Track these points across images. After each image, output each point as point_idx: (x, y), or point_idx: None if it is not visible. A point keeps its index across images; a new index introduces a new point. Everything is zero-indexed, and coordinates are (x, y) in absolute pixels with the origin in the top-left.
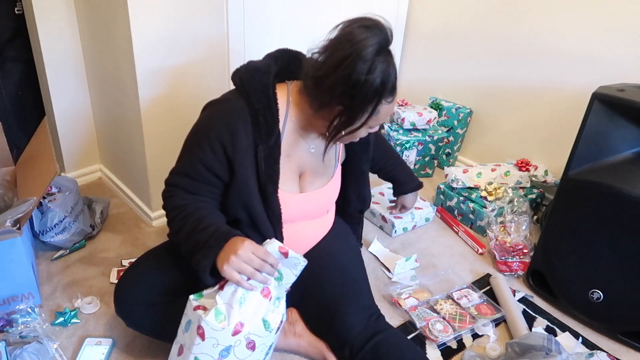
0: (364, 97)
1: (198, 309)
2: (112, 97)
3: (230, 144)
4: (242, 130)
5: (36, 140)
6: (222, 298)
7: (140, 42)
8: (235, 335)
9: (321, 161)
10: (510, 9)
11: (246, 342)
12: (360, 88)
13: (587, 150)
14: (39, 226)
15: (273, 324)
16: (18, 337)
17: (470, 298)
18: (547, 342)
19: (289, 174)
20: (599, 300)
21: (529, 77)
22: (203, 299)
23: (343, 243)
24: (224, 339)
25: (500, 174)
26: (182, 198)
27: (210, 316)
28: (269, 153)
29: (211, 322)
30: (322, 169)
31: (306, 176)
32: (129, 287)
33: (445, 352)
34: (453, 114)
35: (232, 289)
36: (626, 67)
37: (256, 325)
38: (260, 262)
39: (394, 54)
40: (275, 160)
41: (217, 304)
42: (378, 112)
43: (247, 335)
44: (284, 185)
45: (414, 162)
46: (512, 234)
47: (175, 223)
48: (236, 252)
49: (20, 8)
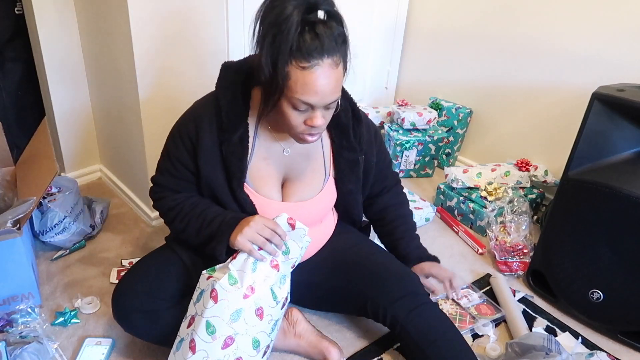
0: (275, 54)
1: (211, 278)
2: (112, 97)
3: (195, 139)
4: (206, 125)
5: (36, 140)
6: (235, 265)
7: (140, 42)
8: (246, 299)
9: (306, 170)
10: (510, 9)
11: (255, 308)
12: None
13: (587, 150)
14: (39, 226)
15: (280, 296)
16: (18, 337)
17: (470, 298)
18: (547, 342)
19: (268, 179)
20: (599, 300)
21: (529, 77)
22: (216, 272)
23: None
24: (235, 301)
25: (500, 174)
26: (172, 199)
27: (224, 279)
28: (232, 150)
29: (224, 284)
30: (309, 180)
31: (290, 184)
32: (127, 294)
33: None
34: (453, 114)
35: (244, 257)
36: (626, 67)
37: (265, 293)
38: (270, 232)
39: (394, 54)
40: (239, 157)
41: (230, 270)
42: (290, 77)
43: (256, 300)
44: (262, 189)
45: (414, 162)
46: (512, 234)
47: (177, 223)
48: (249, 223)
49: (20, 8)
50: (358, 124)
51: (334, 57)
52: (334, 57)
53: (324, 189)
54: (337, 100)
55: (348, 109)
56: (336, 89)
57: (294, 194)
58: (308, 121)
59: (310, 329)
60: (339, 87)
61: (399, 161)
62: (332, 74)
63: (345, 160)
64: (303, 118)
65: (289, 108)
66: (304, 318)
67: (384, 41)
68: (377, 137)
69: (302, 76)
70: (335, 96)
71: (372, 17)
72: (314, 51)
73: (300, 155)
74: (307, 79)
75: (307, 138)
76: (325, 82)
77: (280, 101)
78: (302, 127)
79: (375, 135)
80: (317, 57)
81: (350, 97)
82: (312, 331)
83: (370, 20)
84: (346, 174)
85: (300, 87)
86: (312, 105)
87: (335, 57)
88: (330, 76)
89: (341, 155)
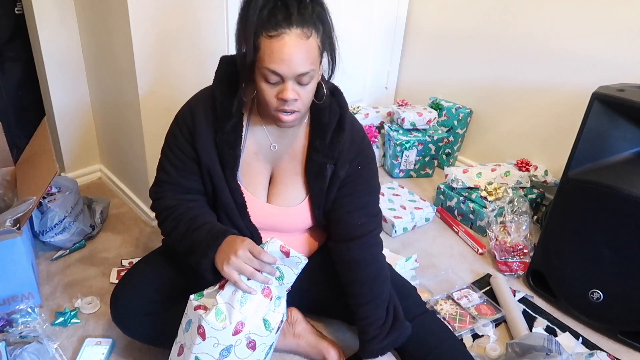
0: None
1: (199, 309)
2: (112, 97)
3: (192, 126)
4: (202, 114)
5: (36, 140)
6: (223, 297)
7: (140, 41)
8: (236, 335)
9: (291, 172)
10: (510, 9)
11: (247, 342)
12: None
13: (587, 150)
14: (39, 226)
15: (273, 323)
16: (18, 337)
17: (470, 298)
18: (547, 342)
19: (256, 174)
20: (599, 300)
21: (529, 77)
22: (204, 298)
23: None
24: (224, 339)
25: (500, 174)
26: (172, 198)
27: (211, 316)
28: (226, 139)
29: (212, 322)
30: (293, 184)
31: (275, 185)
32: (125, 298)
33: None
34: (453, 114)
35: (232, 289)
36: (626, 67)
37: (257, 325)
38: (259, 263)
39: (394, 54)
40: (232, 146)
41: (217, 304)
42: (260, 48)
43: (247, 334)
44: (250, 185)
45: (414, 162)
46: (512, 234)
47: (167, 223)
48: (236, 252)
49: (20, 8)
50: (339, 130)
51: (304, 29)
52: (304, 29)
53: (304, 202)
54: (312, 77)
55: (336, 112)
56: (306, 60)
57: (278, 197)
58: (279, 94)
59: (310, 329)
60: (310, 59)
61: (399, 161)
62: (302, 44)
63: (314, 162)
64: (275, 91)
65: (261, 81)
66: (303, 318)
67: (384, 41)
68: (360, 153)
69: (269, 45)
70: (305, 68)
71: (372, 17)
72: (282, 20)
73: (287, 153)
74: (274, 47)
75: (281, 116)
76: (293, 51)
77: (255, 75)
78: (275, 102)
79: (359, 151)
80: (284, 27)
81: (344, 103)
82: (312, 331)
83: (370, 20)
84: (312, 178)
85: (267, 56)
86: (280, 75)
87: (305, 29)
88: (299, 45)
89: (311, 157)
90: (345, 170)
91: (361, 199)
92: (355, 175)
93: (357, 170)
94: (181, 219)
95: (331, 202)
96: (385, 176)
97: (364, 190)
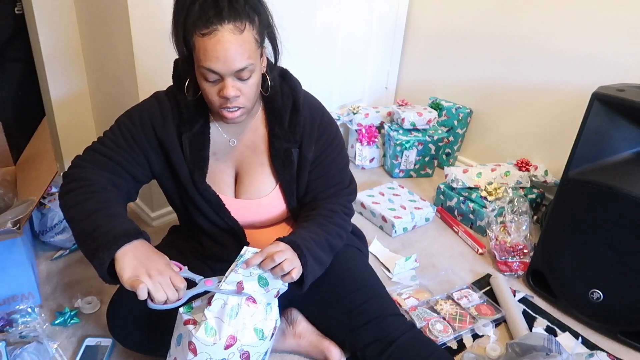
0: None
1: (188, 324)
2: (112, 97)
3: (161, 127)
4: (169, 115)
5: (36, 140)
6: (212, 312)
7: (140, 42)
8: (228, 349)
9: (254, 164)
10: (510, 9)
11: (240, 354)
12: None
13: (587, 150)
14: (39, 226)
15: (267, 331)
16: (18, 337)
17: (470, 298)
18: (547, 342)
19: (219, 174)
20: (599, 300)
21: (529, 77)
22: (193, 311)
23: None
24: (216, 354)
25: (500, 174)
26: (94, 172)
27: (200, 332)
28: (194, 140)
29: (202, 338)
30: (258, 176)
31: (241, 180)
32: (121, 310)
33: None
34: (453, 114)
35: (221, 303)
36: (626, 67)
37: (249, 337)
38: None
39: (394, 54)
40: (201, 147)
41: (206, 319)
42: (195, 47)
43: (240, 347)
44: (214, 185)
45: (414, 162)
46: (512, 234)
47: (74, 194)
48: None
49: (20, 8)
50: (295, 112)
51: (237, 23)
52: (237, 23)
53: (274, 191)
54: (252, 70)
55: (288, 95)
56: (242, 55)
57: (245, 192)
58: (220, 92)
59: (310, 328)
60: (247, 53)
61: (399, 161)
62: (235, 39)
63: (277, 150)
64: (216, 89)
65: (202, 80)
66: (303, 318)
67: (384, 41)
68: (324, 131)
69: (203, 43)
70: (242, 63)
71: (372, 17)
72: (213, 17)
73: (247, 147)
74: (207, 45)
75: (225, 114)
76: (228, 47)
77: (196, 76)
78: (218, 100)
79: (321, 130)
80: (216, 23)
81: (294, 83)
82: (312, 331)
83: (370, 21)
84: (280, 166)
85: (203, 55)
86: (217, 72)
87: (238, 23)
88: (232, 41)
89: (273, 145)
90: (312, 151)
91: (334, 178)
92: (324, 155)
93: (324, 150)
94: (93, 197)
95: (304, 186)
96: (385, 176)
97: (336, 168)
